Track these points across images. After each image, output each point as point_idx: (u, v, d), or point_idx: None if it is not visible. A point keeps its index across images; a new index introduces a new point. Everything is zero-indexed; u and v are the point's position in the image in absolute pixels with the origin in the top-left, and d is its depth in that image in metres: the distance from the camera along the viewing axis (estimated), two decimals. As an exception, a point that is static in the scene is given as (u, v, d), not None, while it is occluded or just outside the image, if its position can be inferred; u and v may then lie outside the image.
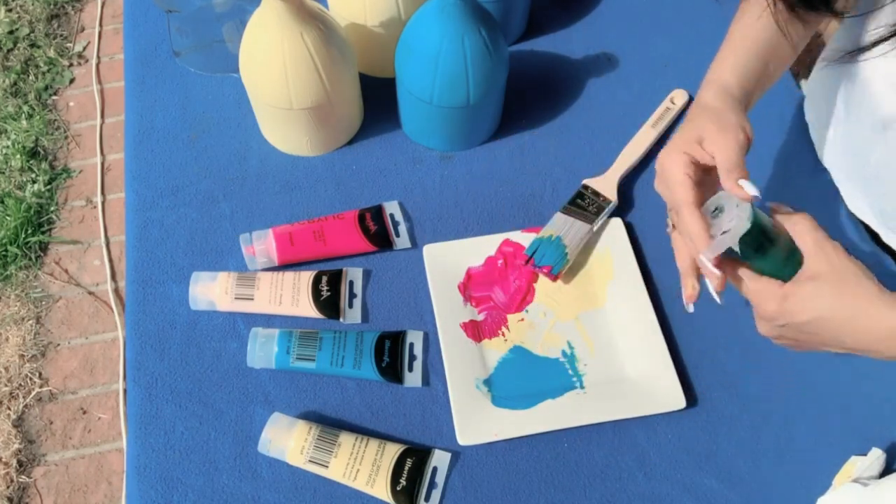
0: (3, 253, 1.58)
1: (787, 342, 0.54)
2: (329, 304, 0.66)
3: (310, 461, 0.59)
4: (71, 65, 1.89)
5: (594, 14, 0.88)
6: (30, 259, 1.58)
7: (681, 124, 0.59)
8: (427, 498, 0.59)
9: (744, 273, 0.53)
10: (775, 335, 0.54)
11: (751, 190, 0.51)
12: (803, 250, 0.52)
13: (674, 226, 0.56)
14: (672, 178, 0.54)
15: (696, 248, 0.52)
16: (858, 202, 0.70)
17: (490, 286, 0.69)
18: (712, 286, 0.52)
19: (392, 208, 0.73)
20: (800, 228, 0.52)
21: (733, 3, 0.93)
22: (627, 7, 0.88)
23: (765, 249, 0.52)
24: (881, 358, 0.51)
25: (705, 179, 0.54)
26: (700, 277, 0.55)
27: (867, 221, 0.70)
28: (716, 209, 0.53)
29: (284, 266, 0.69)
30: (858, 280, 0.49)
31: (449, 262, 0.69)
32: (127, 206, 0.74)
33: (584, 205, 0.71)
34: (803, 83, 0.80)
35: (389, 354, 0.64)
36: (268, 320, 0.67)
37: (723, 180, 0.52)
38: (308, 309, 0.66)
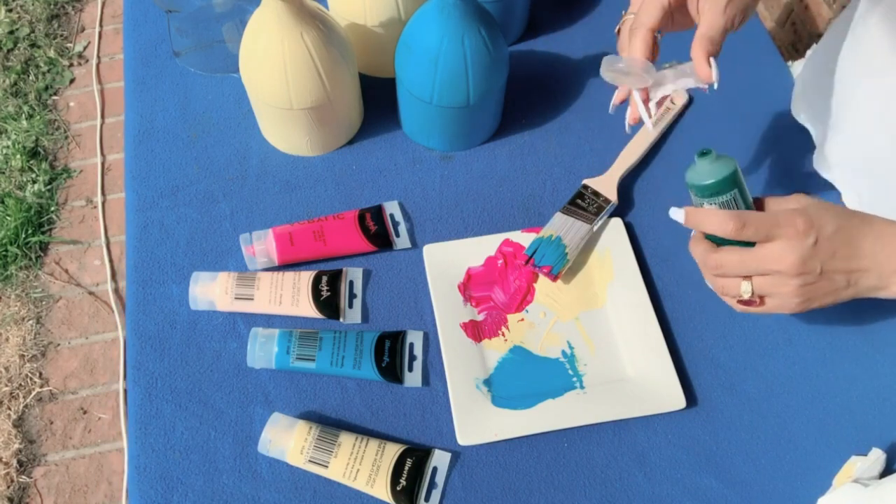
0: (4, 253, 1.58)
1: (818, 285, 0.49)
2: (329, 304, 0.66)
3: (310, 461, 0.59)
4: (71, 65, 1.89)
5: (594, 14, 0.88)
6: (30, 259, 1.58)
7: None
8: (427, 498, 0.59)
9: (734, 250, 0.50)
10: (807, 279, 0.49)
11: (714, 73, 0.50)
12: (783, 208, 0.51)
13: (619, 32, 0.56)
14: None
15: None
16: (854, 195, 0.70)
17: (490, 286, 0.69)
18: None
19: (392, 208, 0.73)
20: (776, 206, 0.51)
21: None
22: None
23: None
24: None
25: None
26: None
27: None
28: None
29: (284, 266, 0.69)
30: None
31: (449, 262, 0.69)
32: (127, 206, 0.74)
33: (584, 205, 0.71)
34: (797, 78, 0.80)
35: (389, 354, 0.64)
36: (268, 320, 0.67)
37: (695, 46, 0.50)
38: (308, 309, 0.66)
